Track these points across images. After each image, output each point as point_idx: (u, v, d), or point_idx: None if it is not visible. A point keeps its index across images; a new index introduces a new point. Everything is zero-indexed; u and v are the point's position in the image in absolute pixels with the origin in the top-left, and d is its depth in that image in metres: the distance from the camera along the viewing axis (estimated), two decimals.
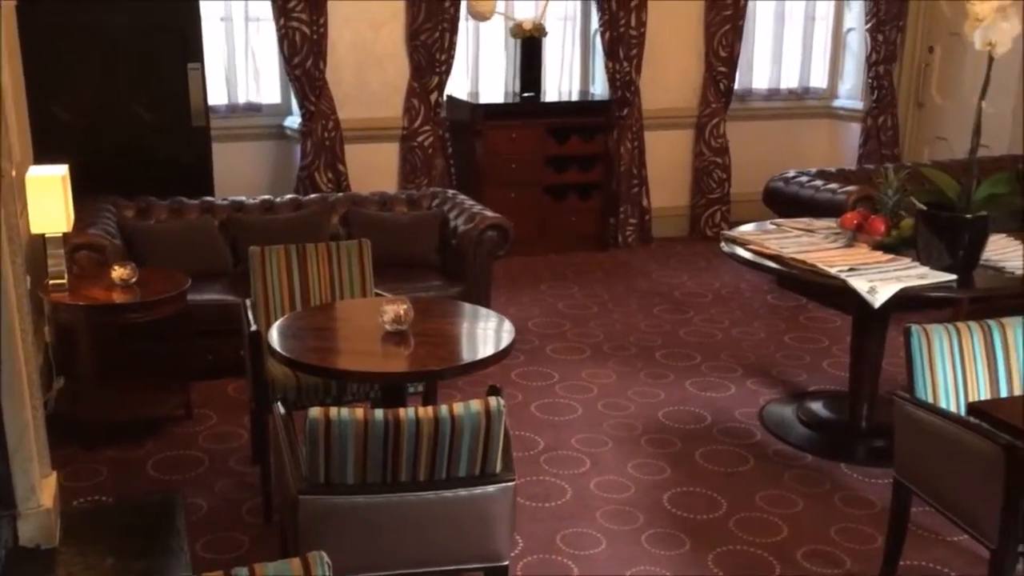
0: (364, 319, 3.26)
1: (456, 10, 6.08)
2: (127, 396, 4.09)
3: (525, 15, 6.45)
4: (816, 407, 4.23)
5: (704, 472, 3.76)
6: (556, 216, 6.51)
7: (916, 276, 3.56)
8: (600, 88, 6.78)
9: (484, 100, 6.43)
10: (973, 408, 2.70)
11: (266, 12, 5.82)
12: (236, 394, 4.32)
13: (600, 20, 6.49)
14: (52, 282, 3.83)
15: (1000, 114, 6.09)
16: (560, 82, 6.89)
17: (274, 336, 3.07)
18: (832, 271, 3.61)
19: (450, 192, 5.30)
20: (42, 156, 4.35)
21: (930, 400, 2.90)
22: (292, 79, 5.86)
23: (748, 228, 4.28)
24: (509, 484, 2.55)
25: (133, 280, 3.91)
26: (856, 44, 7.24)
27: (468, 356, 3.08)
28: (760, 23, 7.18)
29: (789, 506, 3.53)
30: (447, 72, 6.19)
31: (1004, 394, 2.96)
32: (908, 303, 3.60)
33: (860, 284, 3.51)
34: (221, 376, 4.39)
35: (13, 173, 3.07)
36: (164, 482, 3.65)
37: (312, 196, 5.23)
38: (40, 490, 3.03)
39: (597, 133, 6.48)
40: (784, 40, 7.31)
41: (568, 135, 6.42)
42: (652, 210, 6.88)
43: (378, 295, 3.72)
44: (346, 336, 3.31)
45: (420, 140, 6.21)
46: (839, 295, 4.22)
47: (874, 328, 3.95)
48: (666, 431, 4.10)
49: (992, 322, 3.00)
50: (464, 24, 6.25)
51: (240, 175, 5.92)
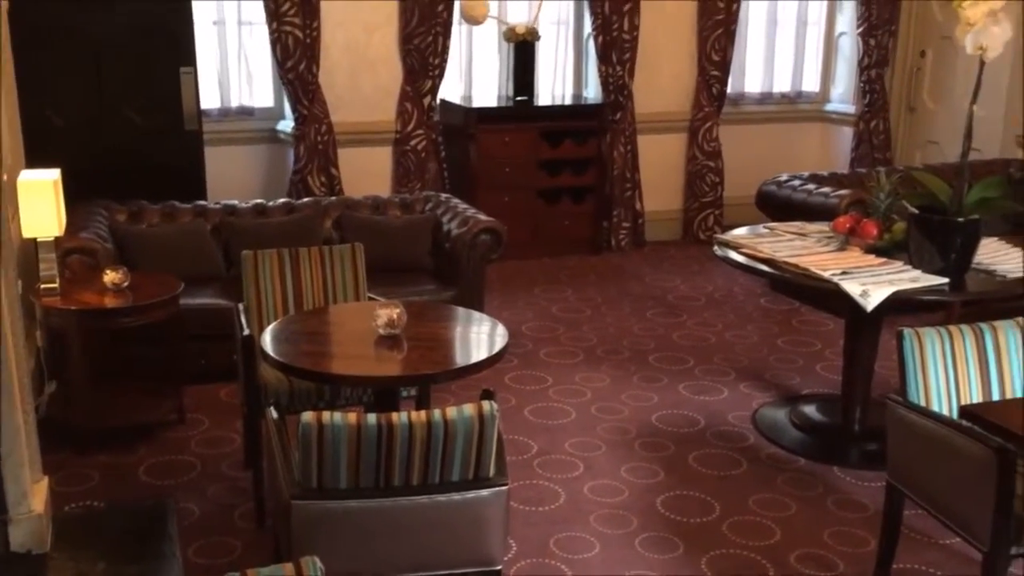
0: (357, 323, 3.26)
1: (449, 14, 6.08)
2: (119, 401, 4.07)
3: (518, 19, 6.46)
4: (809, 410, 4.23)
5: (697, 475, 3.77)
6: (549, 220, 6.51)
7: (908, 280, 3.57)
8: (593, 92, 6.79)
9: (477, 104, 6.43)
10: (965, 411, 2.71)
11: (259, 16, 5.82)
12: (229, 398, 4.31)
13: (593, 24, 6.50)
14: (44, 286, 3.82)
15: (991, 118, 6.12)
16: (553, 86, 6.89)
17: (267, 340, 3.07)
18: (825, 275, 3.62)
19: (443, 196, 5.30)
20: (34, 160, 4.34)
21: (922, 403, 2.91)
22: (285, 83, 5.85)
23: (741, 232, 4.29)
24: (502, 488, 2.54)
25: (125, 284, 3.90)
26: (848, 48, 7.27)
27: (461, 360, 3.07)
28: (752, 27, 7.20)
29: (782, 509, 3.53)
30: (440, 76, 6.19)
31: (996, 397, 2.97)
32: (900, 306, 3.61)
33: (853, 288, 3.52)
34: (214, 380, 4.38)
35: (4, 177, 3.06)
36: (156, 487, 3.63)
37: (305, 200, 5.23)
38: (31, 495, 3.01)
39: (590, 137, 6.49)
40: (776, 44, 7.33)
41: (561, 139, 6.43)
42: (645, 214, 6.89)
43: (371, 299, 3.71)
44: (339, 340, 3.31)
45: (413, 144, 6.21)
46: (832, 299, 4.22)
47: (867, 331, 3.96)
48: (659, 435, 4.10)
49: (984, 325, 3.01)
50: (457, 28, 6.26)
51: (233, 179, 5.92)
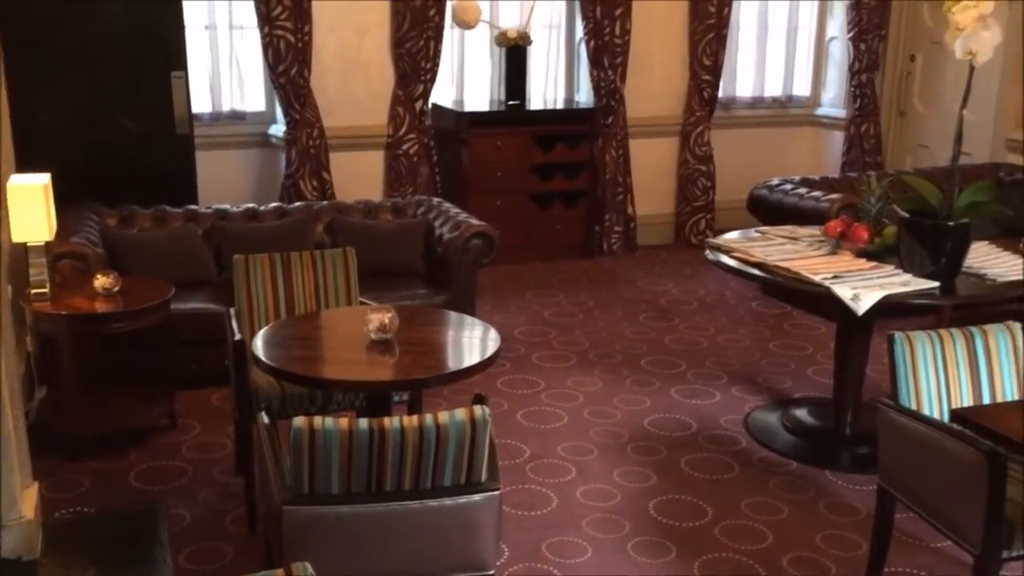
0: (349, 328, 3.25)
1: (441, 18, 6.09)
2: (110, 406, 4.06)
3: (510, 23, 6.47)
4: (801, 414, 4.24)
5: (690, 479, 3.77)
6: (541, 224, 6.52)
7: (899, 283, 3.58)
8: (585, 96, 6.79)
9: (469, 108, 6.43)
10: (956, 415, 2.71)
11: (250, 20, 5.81)
12: (220, 403, 4.30)
13: (585, 28, 6.51)
14: (34, 291, 3.80)
15: (981, 122, 6.15)
16: (545, 90, 6.90)
17: (258, 345, 3.06)
18: (816, 279, 3.62)
19: (435, 200, 5.30)
20: (25, 164, 4.32)
21: (913, 407, 2.92)
22: (277, 87, 5.85)
23: (732, 236, 4.29)
24: (494, 493, 2.54)
25: (116, 289, 3.89)
26: (839, 53, 7.30)
27: (453, 365, 3.07)
28: (744, 31, 7.22)
29: (774, 513, 3.54)
30: (432, 80, 6.19)
31: (987, 401, 2.98)
32: (891, 310, 3.61)
33: (844, 291, 3.53)
34: (205, 385, 4.37)
35: None
36: (147, 493, 3.62)
37: (297, 204, 5.22)
38: (22, 501, 3.00)
39: (582, 141, 6.50)
40: (767, 49, 7.36)
41: (553, 143, 6.43)
42: (637, 218, 6.90)
43: (363, 303, 3.71)
44: (331, 345, 3.30)
45: (405, 148, 6.20)
46: (823, 302, 4.24)
47: (858, 335, 3.96)
48: (652, 439, 4.11)
49: (975, 329, 3.02)
50: (449, 32, 6.26)
51: (224, 183, 5.91)
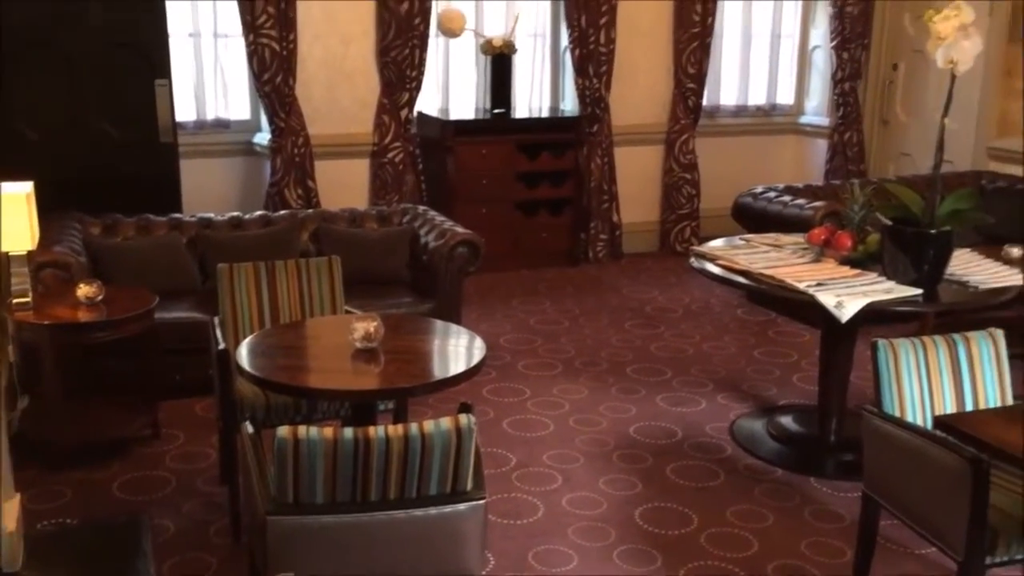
0: (334, 336, 3.24)
1: (426, 27, 6.09)
2: (93, 416, 4.03)
3: (495, 32, 6.48)
4: (786, 421, 4.25)
5: (675, 487, 3.77)
6: (527, 232, 6.52)
7: (882, 291, 3.60)
8: (570, 104, 6.81)
9: (455, 116, 6.44)
10: (939, 422, 2.72)
11: (235, 28, 5.80)
12: (204, 413, 4.28)
13: (570, 37, 6.53)
14: (16, 301, 3.77)
15: (963, 130, 6.20)
16: (530, 98, 6.92)
17: (243, 354, 3.04)
18: (800, 286, 3.64)
19: (421, 208, 5.30)
20: (7, 173, 4.28)
21: (897, 414, 2.93)
22: (261, 95, 5.83)
23: (717, 243, 4.31)
24: (480, 502, 2.54)
25: (99, 298, 3.86)
26: (822, 62, 7.35)
27: (439, 373, 3.06)
28: (728, 41, 7.26)
29: (759, 521, 3.54)
30: (417, 88, 6.20)
31: (969, 407, 3.00)
32: (875, 317, 3.64)
33: (827, 299, 3.55)
34: (189, 395, 4.34)
35: None
36: (130, 503, 3.59)
37: (282, 212, 5.21)
38: (3, 513, 2.97)
39: (567, 149, 6.51)
40: (751, 57, 7.40)
41: (539, 151, 6.44)
42: (622, 225, 6.91)
43: (348, 312, 3.70)
44: (316, 354, 3.29)
45: (391, 156, 6.20)
46: (807, 310, 4.25)
47: (842, 342, 3.98)
48: (637, 446, 4.11)
49: (957, 336, 3.04)
50: (434, 41, 6.27)
51: (209, 192, 5.89)
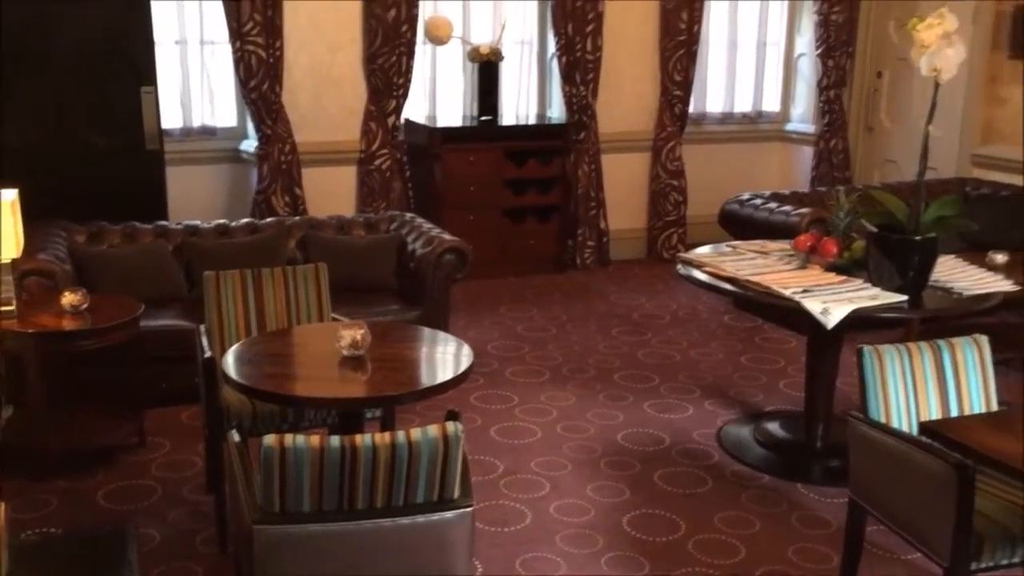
0: (321, 344, 3.23)
1: (413, 34, 6.10)
2: (78, 425, 4.00)
3: (482, 39, 6.49)
4: (773, 427, 4.26)
5: (663, 494, 3.77)
6: (514, 239, 6.53)
7: (868, 297, 3.61)
8: (557, 112, 6.82)
9: (442, 124, 6.44)
10: (925, 428, 2.74)
11: (221, 35, 5.79)
12: (190, 421, 4.26)
13: (556, 44, 6.54)
14: (0, 309, 3.75)
15: (947, 138, 6.24)
16: (517, 106, 6.93)
17: (229, 362, 3.03)
18: (786, 293, 3.65)
19: (408, 215, 5.29)
20: None
21: (883, 420, 2.94)
22: (248, 102, 5.82)
23: (704, 250, 4.32)
24: (467, 510, 2.53)
25: (84, 306, 3.84)
26: (807, 69, 7.39)
27: (426, 381, 3.06)
28: (714, 48, 7.30)
29: (747, 527, 3.55)
30: (404, 96, 6.20)
31: (955, 413, 3.02)
32: (860, 324, 3.65)
33: (813, 305, 3.56)
34: (175, 403, 4.32)
35: None
36: (115, 512, 3.57)
37: (268, 220, 5.19)
38: None
39: (555, 156, 6.52)
40: (737, 65, 7.44)
41: (526, 158, 6.45)
42: (610, 232, 6.93)
43: (335, 320, 3.69)
44: (303, 362, 3.28)
45: (378, 163, 6.20)
46: (794, 316, 4.27)
47: (828, 349, 4.00)
48: (625, 453, 4.11)
49: (942, 342, 3.06)
50: (421, 48, 6.27)
51: (195, 199, 5.87)
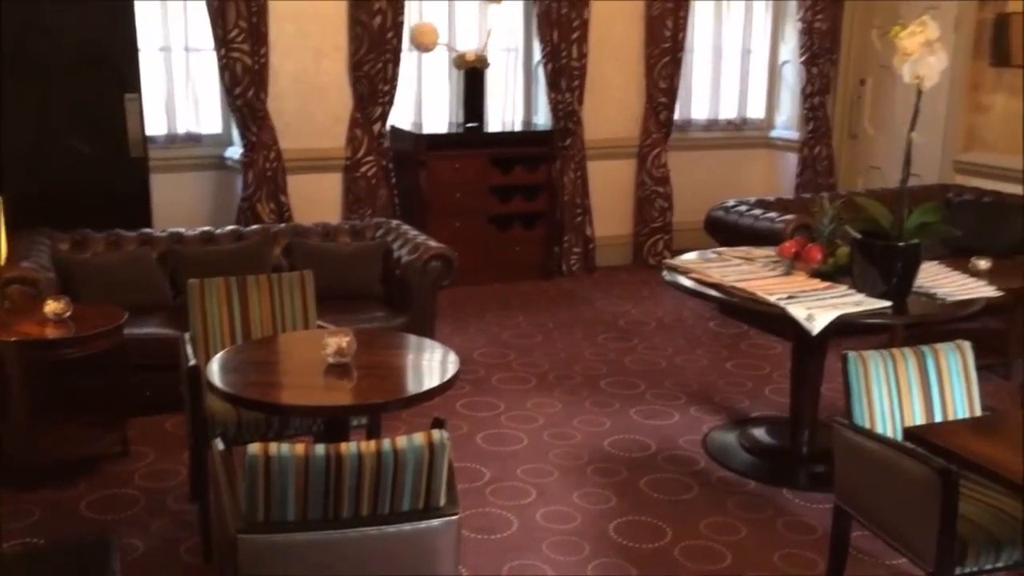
0: (306, 352, 3.22)
1: (399, 41, 6.10)
2: (61, 434, 3.97)
3: (468, 46, 6.50)
4: (758, 433, 4.27)
5: (649, 500, 3.77)
6: (500, 245, 6.53)
7: (852, 303, 3.63)
8: (543, 118, 6.84)
9: (428, 130, 6.44)
10: (909, 433, 2.75)
11: (206, 42, 5.78)
12: (175, 430, 4.23)
13: (542, 51, 6.56)
14: None
15: (930, 144, 6.29)
16: (503, 112, 6.94)
17: (214, 370, 3.02)
18: (771, 299, 3.67)
19: (394, 222, 5.29)
20: None
21: (867, 425, 2.95)
22: (233, 109, 5.81)
23: (689, 257, 4.33)
24: (453, 518, 2.52)
25: (67, 314, 3.82)
26: (791, 76, 7.43)
27: (412, 388, 3.05)
28: (698, 56, 7.33)
29: (733, 533, 3.55)
30: (390, 103, 6.20)
31: (939, 419, 3.03)
32: (845, 330, 3.67)
33: (798, 312, 3.57)
34: (159, 412, 4.30)
35: None
36: (99, 522, 3.54)
37: (254, 227, 5.17)
38: None
39: (540, 163, 6.53)
40: (722, 72, 7.47)
41: (512, 165, 6.46)
42: (596, 239, 6.94)
43: (321, 327, 3.68)
44: (288, 370, 3.27)
45: (364, 170, 6.19)
46: (779, 322, 4.27)
47: (813, 355, 4.01)
48: (611, 460, 4.11)
49: (926, 348, 3.07)
50: (407, 55, 6.27)
51: (180, 206, 5.85)
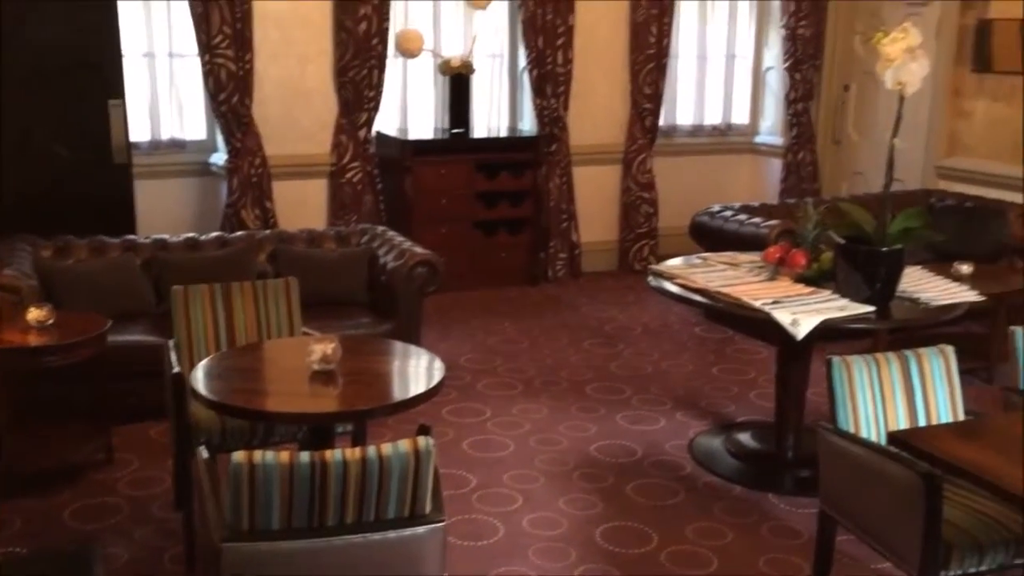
0: (291, 359, 3.21)
1: (384, 47, 6.10)
2: (43, 442, 3.94)
3: (453, 52, 6.50)
4: (744, 438, 4.28)
5: (635, 506, 3.78)
6: (486, 251, 6.53)
7: (836, 308, 3.64)
8: (528, 124, 6.85)
9: (413, 136, 6.44)
10: (893, 437, 2.75)
11: (190, 48, 5.76)
12: (159, 438, 4.21)
13: (527, 58, 6.57)
14: None
15: (912, 150, 6.33)
16: (489, 118, 6.94)
17: (199, 378, 3.00)
18: (756, 304, 3.68)
19: (379, 228, 5.28)
20: None
21: (852, 430, 2.96)
22: (218, 115, 5.79)
23: (675, 262, 4.34)
24: (439, 525, 2.52)
25: (50, 322, 3.79)
26: (775, 82, 7.47)
27: (398, 395, 3.04)
28: (683, 62, 7.36)
29: (719, 538, 3.56)
30: (376, 108, 6.19)
31: (922, 423, 3.04)
32: (829, 334, 3.68)
33: (783, 316, 3.58)
34: (143, 419, 4.27)
35: None
36: (82, 531, 3.51)
37: (238, 233, 5.15)
38: None
39: (526, 169, 6.54)
40: (707, 78, 7.50)
41: (497, 171, 6.46)
42: (581, 244, 6.95)
43: (306, 334, 3.67)
44: (273, 377, 3.26)
45: (349, 176, 6.18)
46: (764, 327, 4.29)
47: (797, 359, 4.02)
48: (598, 465, 4.11)
49: (909, 353, 3.09)
50: (393, 61, 6.27)
51: (164, 213, 5.82)
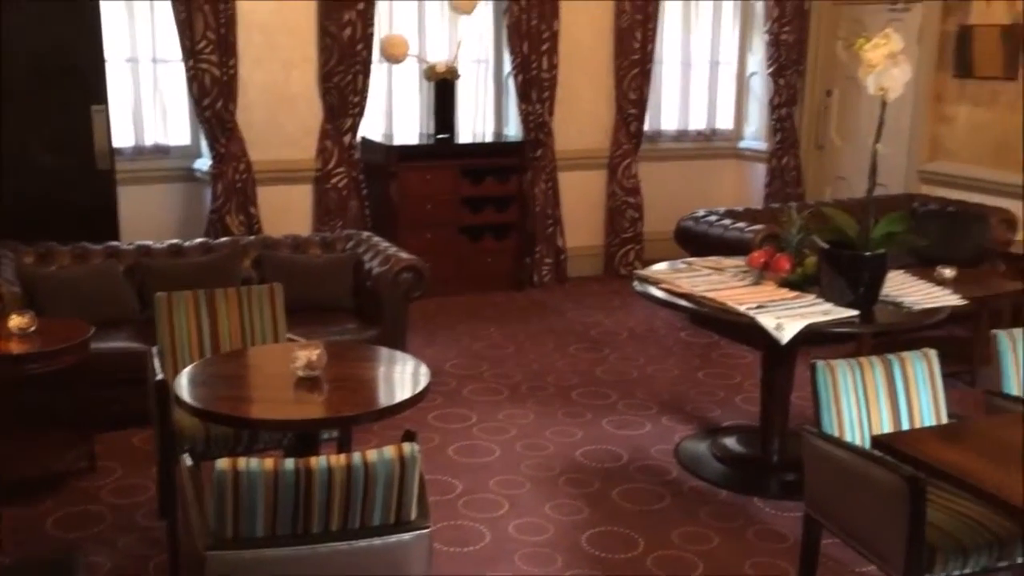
0: (276, 365, 3.19)
1: (369, 53, 6.09)
2: (26, 450, 3.91)
3: (438, 58, 6.50)
4: (729, 442, 4.29)
5: (622, 511, 3.78)
6: (472, 257, 6.53)
7: (820, 312, 3.66)
8: (514, 129, 6.85)
9: (398, 142, 6.43)
10: (877, 441, 2.77)
11: (174, 53, 5.74)
12: (142, 445, 4.18)
13: (512, 63, 6.58)
14: None
15: (895, 154, 6.37)
16: (474, 124, 6.94)
17: (183, 385, 2.99)
18: (741, 309, 3.69)
19: (365, 234, 5.27)
20: None
21: (836, 434, 2.98)
22: (202, 121, 5.77)
23: (660, 267, 4.35)
24: (424, 531, 2.51)
25: (32, 329, 3.76)
26: (759, 88, 7.50)
27: (383, 401, 3.03)
28: (668, 67, 7.38)
29: (705, 542, 3.56)
30: (361, 114, 6.18)
31: (906, 426, 3.06)
32: (814, 339, 3.69)
33: (768, 321, 3.60)
34: (127, 427, 4.24)
35: None
36: (65, 540, 3.49)
37: (223, 239, 5.14)
38: None
39: (511, 174, 6.54)
40: (691, 84, 7.53)
41: (483, 176, 6.46)
42: (567, 249, 6.95)
43: (291, 340, 3.65)
44: (257, 383, 3.24)
45: (334, 182, 6.17)
46: (749, 332, 4.30)
47: (782, 364, 4.04)
48: (584, 471, 4.11)
49: (893, 357, 3.10)
50: (377, 66, 6.27)
51: (148, 219, 5.79)
